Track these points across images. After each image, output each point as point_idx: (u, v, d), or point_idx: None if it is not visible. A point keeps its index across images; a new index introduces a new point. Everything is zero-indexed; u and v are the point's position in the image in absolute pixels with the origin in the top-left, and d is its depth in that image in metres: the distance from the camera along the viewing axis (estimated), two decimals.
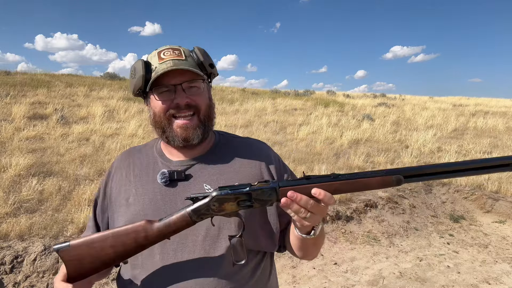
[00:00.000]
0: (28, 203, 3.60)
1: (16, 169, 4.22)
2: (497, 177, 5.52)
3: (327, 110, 11.34)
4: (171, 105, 0.90)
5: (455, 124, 10.06)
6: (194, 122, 0.92)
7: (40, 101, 8.14)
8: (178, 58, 0.90)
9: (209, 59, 0.94)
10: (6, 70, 12.18)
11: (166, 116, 0.91)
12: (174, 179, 0.92)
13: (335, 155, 6.57)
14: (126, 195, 0.95)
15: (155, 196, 0.91)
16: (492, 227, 4.61)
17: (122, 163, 1.03)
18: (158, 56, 0.91)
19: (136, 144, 5.81)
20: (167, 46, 0.93)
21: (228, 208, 0.78)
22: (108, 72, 15.14)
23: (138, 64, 0.91)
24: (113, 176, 1.01)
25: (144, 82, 0.90)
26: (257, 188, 0.77)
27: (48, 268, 2.88)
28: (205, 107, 0.94)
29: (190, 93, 0.91)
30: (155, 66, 0.90)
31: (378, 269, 3.42)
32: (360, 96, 17.46)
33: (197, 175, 0.94)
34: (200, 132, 0.92)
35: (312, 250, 0.93)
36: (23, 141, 5.45)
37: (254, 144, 1.04)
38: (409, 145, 7.61)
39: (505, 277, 3.32)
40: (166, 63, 0.89)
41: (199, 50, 0.93)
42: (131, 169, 0.99)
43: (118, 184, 0.98)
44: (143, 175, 0.97)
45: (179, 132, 0.91)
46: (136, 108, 8.75)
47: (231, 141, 1.04)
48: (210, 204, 0.77)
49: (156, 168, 0.96)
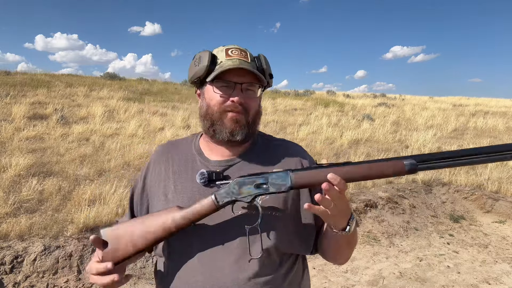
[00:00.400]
0: (28, 203, 3.60)
1: (16, 169, 4.22)
2: (497, 177, 5.52)
3: (327, 110, 11.34)
4: (226, 100, 0.93)
5: (455, 124, 10.06)
6: (242, 118, 0.94)
7: (40, 101, 8.14)
8: (244, 60, 0.93)
9: (270, 69, 0.98)
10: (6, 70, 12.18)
11: (220, 110, 0.93)
12: (212, 179, 0.93)
13: (335, 155, 6.57)
14: (165, 190, 0.97)
15: (194, 195, 0.93)
16: (492, 227, 4.61)
17: (160, 157, 1.05)
18: (226, 52, 0.94)
19: (137, 143, 5.83)
20: (235, 45, 0.96)
21: (246, 192, 0.84)
22: (108, 72, 15.18)
23: (205, 54, 0.93)
24: (152, 169, 1.04)
25: (206, 73, 0.93)
26: (272, 172, 0.84)
27: (48, 268, 2.88)
28: (253, 111, 0.96)
29: (246, 94, 0.94)
30: (221, 60, 0.93)
31: (378, 269, 3.42)
32: (360, 96, 17.46)
33: (235, 175, 0.94)
34: (244, 132, 0.95)
35: (345, 250, 0.94)
36: (23, 141, 5.45)
37: (292, 147, 1.06)
38: (409, 145, 7.61)
39: (505, 277, 3.32)
40: (233, 60, 0.92)
41: (263, 58, 0.97)
42: (170, 164, 1.01)
43: (157, 178, 1.01)
44: (182, 172, 0.98)
45: (228, 125, 0.93)
46: (136, 108, 8.75)
47: (269, 142, 1.06)
48: (231, 187, 0.84)
49: (194, 167, 0.98)
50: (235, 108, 0.92)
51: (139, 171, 4.88)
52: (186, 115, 8.69)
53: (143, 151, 5.42)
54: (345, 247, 0.93)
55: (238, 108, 0.92)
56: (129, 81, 14.75)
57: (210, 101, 0.95)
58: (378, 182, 5.45)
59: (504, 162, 6.47)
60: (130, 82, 14.28)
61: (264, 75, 0.95)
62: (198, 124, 8.10)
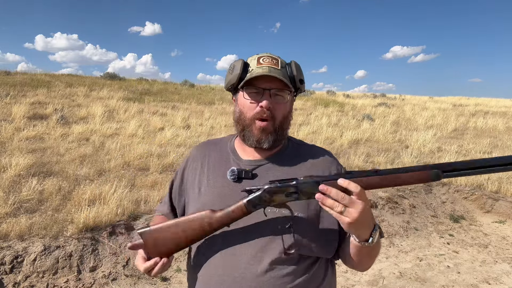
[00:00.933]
0: (28, 203, 3.60)
1: (16, 169, 4.22)
2: (497, 177, 5.52)
3: (327, 110, 11.34)
4: (256, 106, 0.98)
5: (455, 124, 10.07)
6: (269, 126, 0.99)
7: (40, 101, 8.14)
8: (274, 67, 0.98)
9: (301, 74, 1.03)
10: (6, 70, 12.19)
11: (251, 117, 0.99)
12: (241, 177, 1.00)
13: (335, 155, 6.54)
14: (199, 184, 1.06)
15: (223, 190, 1.00)
16: (492, 227, 4.61)
17: (199, 153, 1.13)
18: (257, 60, 1.00)
19: (136, 143, 5.83)
20: (267, 53, 1.02)
21: (277, 200, 0.88)
22: (108, 72, 15.18)
23: (238, 63, 1.00)
24: (190, 163, 1.12)
25: (238, 80, 0.99)
26: (302, 181, 0.86)
27: (48, 268, 2.88)
28: (281, 117, 1.01)
29: (275, 100, 0.98)
30: (252, 68, 0.99)
31: (378, 269, 3.42)
32: (360, 96, 17.46)
33: (263, 175, 1.01)
34: (271, 139, 1.00)
35: (365, 260, 0.95)
36: (23, 141, 5.45)
37: (320, 152, 1.11)
38: (409, 145, 7.61)
39: (505, 277, 3.32)
40: (263, 68, 0.97)
41: (294, 65, 1.01)
42: (206, 160, 1.10)
43: (194, 173, 1.09)
44: (216, 168, 1.06)
45: (256, 133, 1.00)
46: (136, 108, 8.75)
47: (299, 147, 1.11)
48: (262, 195, 0.88)
49: (228, 164, 1.05)
50: (264, 114, 0.97)
51: (139, 171, 4.88)
52: (186, 115, 8.70)
53: (143, 151, 5.42)
54: (366, 257, 0.94)
55: (266, 114, 0.97)
56: (129, 81, 14.75)
57: (242, 107, 1.01)
58: None
59: None
60: (130, 82, 14.28)
61: (293, 81, 1.00)
62: (198, 124, 8.10)
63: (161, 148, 5.86)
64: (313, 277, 0.97)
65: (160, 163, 5.10)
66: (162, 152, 5.63)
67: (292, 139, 1.13)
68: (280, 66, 0.99)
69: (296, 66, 1.01)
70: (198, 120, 8.45)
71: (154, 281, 3.02)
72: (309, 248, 0.95)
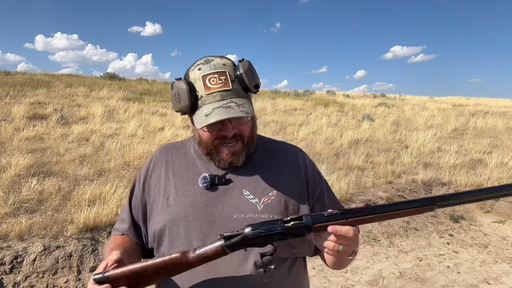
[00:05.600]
0: (28, 203, 3.60)
1: (16, 169, 4.22)
2: (497, 177, 5.52)
3: (327, 110, 11.34)
4: (217, 135, 0.90)
5: (455, 124, 10.07)
6: (238, 147, 0.92)
7: (40, 101, 8.14)
8: (225, 89, 0.86)
9: (254, 79, 0.90)
10: (6, 70, 12.19)
11: (214, 145, 0.92)
12: (215, 183, 0.93)
13: (335, 155, 6.57)
14: (166, 194, 0.96)
15: (196, 199, 0.93)
16: (492, 227, 4.61)
17: (160, 160, 1.03)
18: (203, 82, 0.86)
19: (136, 143, 5.83)
20: (212, 69, 0.87)
21: (259, 243, 0.80)
22: (108, 72, 15.18)
23: (183, 91, 0.87)
24: (151, 172, 1.02)
25: (190, 109, 0.89)
26: (291, 226, 0.79)
27: (48, 268, 2.88)
28: (248, 133, 0.93)
29: (236, 123, 0.90)
30: (201, 95, 0.87)
31: (378, 269, 3.42)
32: (360, 96, 17.47)
33: (237, 180, 0.95)
34: (244, 155, 0.94)
35: (343, 263, 0.95)
36: (23, 141, 5.45)
37: (291, 149, 1.05)
38: (409, 145, 7.61)
39: (505, 277, 3.32)
40: (214, 95, 0.86)
41: (245, 71, 0.88)
42: (170, 168, 1.00)
43: (157, 182, 0.99)
44: (183, 176, 0.97)
45: (226, 158, 0.92)
46: (136, 108, 8.75)
47: (269, 145, 1.04)
48: (242, 241, 0.79)
49: (196, 170, 0.97)
50: (228, 140, 0.90)
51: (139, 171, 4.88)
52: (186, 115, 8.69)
53: (143, 151, 5.42)
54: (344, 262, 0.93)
55: (231, 140, 0.90)
56: (129, 81, 14.75)
57: (202, 136, 0.93)
58: (378, 182, 5.45)
59: (504, 162, 6.48)
60: (130, 82, 14.28)
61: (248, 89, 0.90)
62: None
63: None
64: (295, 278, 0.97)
65: None
66: None
67: (261, 137, 1.06)
68: (230, 82, 0.87)
69: (247, 72, 0.88)
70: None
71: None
72: (290, 251, 0.93)
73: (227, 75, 0.87)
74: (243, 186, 0.94)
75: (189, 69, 0.91)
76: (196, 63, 0.91)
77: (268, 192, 0.94)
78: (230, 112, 0.83)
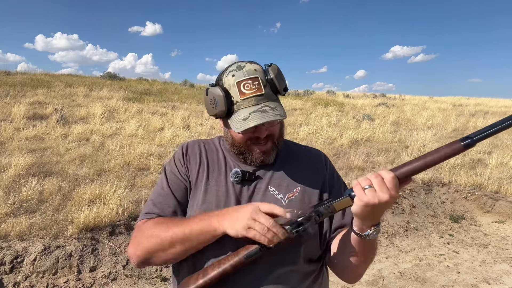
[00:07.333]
0: (28, 203, 3.60)
1: (16, 169, 4.21)
2: (497, 177, 5.52)
3: (327, 110, 11.34)
4: (251, 136, 0.95)
5: (455, 124, 10.07)
6: (269, 146, 0.98)
7: (40, 101, 8.14)
8: (259, 93, 0.91)
9: (283, 82, 0.97)
10: (6, 70, 12.20)
11: (246, 145, 0.97)
12: (245, 179, 0.99)
13: (335, 155, 6.57)
14: (205, 180, 1.01)
15: (228, 191, 0.98)
16: (492, 227, 4.61)
17: (193, 150, 1.07)
18: (238, 88, 0.91)
19: (136, 143, 5.82)
20: (245, 75, 0.91)
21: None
22: (108, 72, 15.18)
23: (220, 97, 0.91)
24: (189, 160, 1.04)
25: (226, 114, 0.93)
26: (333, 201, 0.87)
27: (48, 268, 2.88)
28: (278, 133, 1.00)
29: (268, 125, 0.95)
30: (236, 100, 0.91)
31: (378, 269, 3.42)
32: (360, 96, 17.47)
33: (264, 176, 1.01)
34: (274, 153, 1.00)
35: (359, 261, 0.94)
36: (23, 141, 5.45)
37: (314, 150, 1.13)
38: (409, 145, 7.61)
39: (505, 277, 3.32)
40: (249, 101, 0.90)
41: (274, 75, 0.93)
42: (204, 158, 1.04)
43: (195, 170, 1.02)
44: (215, 169, 1.02)
45: (258, 157, 0.98)
46: (136, 108, 8.75)
47: (293, 148, 1.11)
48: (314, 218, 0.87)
49: (227, 165, 1.03)
50: (261, 141, 0.96)
51: (139, 171, 4.88)
52: (186, 115, 8.69)
53: (143, 151, 5.42)
54: (360, 256, 0.92)
55: (263, 139, 0.96)
56: (129, 81, 14.75)
57: (235, 137, 0.98)
58: None
59: (504, 162, 6.47)
60: (130, 82, 14.28)
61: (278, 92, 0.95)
62: (198, 124, 8.10)
63: (161, 148, 5.85)
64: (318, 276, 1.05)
65: (160, 163, 5.09)
66: (162, 152, 5.63)
67: (285, 140, 1.11)
68: (263, 87, 0.91)
69: (277, 76, 0.93)
70: (198, 120, 8.44)
71: (154, 281, 3.02)
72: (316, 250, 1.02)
73: (260, 81, 0.92)
74: (269, 183, 1.00)
75: (222, 75, 0.95)
76: (229, 70, 0.94)
77: (292, 188, 0.99)
78: (266, 116, 0.88)
